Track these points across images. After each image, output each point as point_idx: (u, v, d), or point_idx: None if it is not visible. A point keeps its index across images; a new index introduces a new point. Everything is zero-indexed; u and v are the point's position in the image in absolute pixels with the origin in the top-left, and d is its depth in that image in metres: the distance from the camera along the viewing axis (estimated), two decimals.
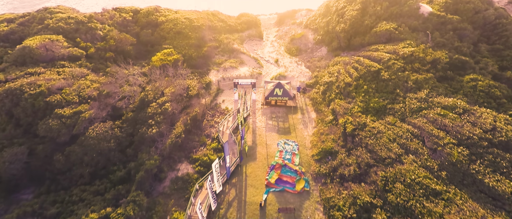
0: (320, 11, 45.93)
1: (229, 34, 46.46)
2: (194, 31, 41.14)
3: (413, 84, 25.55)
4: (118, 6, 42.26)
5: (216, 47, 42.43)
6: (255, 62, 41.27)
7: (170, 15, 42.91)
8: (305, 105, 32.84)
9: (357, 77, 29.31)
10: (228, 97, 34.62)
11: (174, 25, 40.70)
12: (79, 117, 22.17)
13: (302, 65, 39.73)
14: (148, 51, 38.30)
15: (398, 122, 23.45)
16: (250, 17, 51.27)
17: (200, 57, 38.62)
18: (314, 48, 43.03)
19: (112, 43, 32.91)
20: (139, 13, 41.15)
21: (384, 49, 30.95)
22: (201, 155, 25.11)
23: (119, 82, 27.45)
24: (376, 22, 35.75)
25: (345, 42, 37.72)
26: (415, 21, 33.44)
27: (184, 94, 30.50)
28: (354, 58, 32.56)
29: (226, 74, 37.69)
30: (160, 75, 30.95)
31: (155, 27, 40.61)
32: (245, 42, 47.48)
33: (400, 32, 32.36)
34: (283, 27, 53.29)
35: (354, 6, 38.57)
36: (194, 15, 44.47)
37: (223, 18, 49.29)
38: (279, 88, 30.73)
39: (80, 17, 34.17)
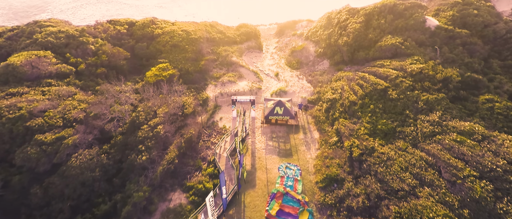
0: (321, 23, 44.38)
1: (227, 46, 44.78)
2: (191, 44, 39.42)
3: (424, 105, 23.61)
4: (113, 18, 40.64)
5: (214, 60, 40.66)
6: (255, 76, 39.44)
7: (167, 27, 41.28)
8: (307, 123, 30.83)
9: (363, 96, 27.39)
10: (226, 114, 32.65)
11: (170, 38, 39.01)
12: (62, 143, 20.09)
13: (303, 79, 37.87)
14: (143, 65, 36.48)
15: (409, 147, 21.40)
16: (250, 28, 49.73)
17: (197, 72, 36.79)
18: (316, 61, 41.28)
19: (104, 59, 31.08)
20: (135, 25, 39.51)
21: (391, 65, 29.13)
22: (195, 182, 22.96)
23: (109, 101, 25.46)
24: (381, 36, 34.07)
25: (348, 56, 35.97)
26: (422, 35, 31.74)
27: (179, 113, 28.51)
28: (359, 74, 30.71)
29: (224, 90, 35.78)
30: (154, 93, 29.01)
31: (151, 40, 38.91)
32: (244, 54, 45.79)
33: (407, 47, 30.62)
34: (283, 38, 51.74)
35: (357, 19, 36.97)
36: (191, 27, 42.86)
37: (221, 29, 47.73)
38: (280, 107, 28.77)
39: (71, 31, 32.43)
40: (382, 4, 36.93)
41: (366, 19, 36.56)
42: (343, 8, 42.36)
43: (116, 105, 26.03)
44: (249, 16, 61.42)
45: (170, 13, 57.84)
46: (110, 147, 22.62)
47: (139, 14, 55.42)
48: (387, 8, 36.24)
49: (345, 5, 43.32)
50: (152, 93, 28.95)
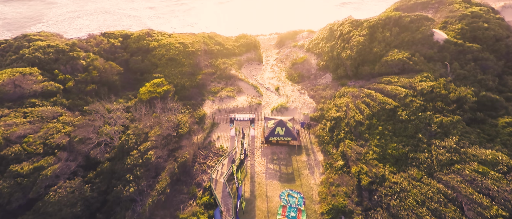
0: (323, 34, 42.68)
1: (226, 58, 42.97)
2: (188, 57, 37.59)
3: (438, 128, 21.55)
4: (108, 30, 38.94)
5: (212, 73, 38.78)
6: (254, 90, 37.48)
7: (163, 39, 39.52)
8: (310, 143, 28.70)
9: (370, 115, 25.35)
10: (224, 132, 30.56)
11: (166, 51, 37.20)
12: (40, 175, 17.93)
13: (305, 94, 35.89)
14: (137, 80, 34.55)
15: (425, 177, 19.26)
16: (249, 39, 48.03)
17: (193, 87, 34.85)
18: (318, 74, 39.39)
19: (95, 75, 29.16)
20: (130, 38, 37.74)
21: (399, 83, 27.18)
22: (189, 213, 20.73)
23: (97, 123, 23.39)
24: (386, 50, 32.25)
25: (352, 70, 34.07)
26: (430, 50, 29.91)
27: (173, 133, 26.42)
28: (364, 91, 28.74)
29: (222, 105, 33.77)
30: (147, 112, 26.97)
31: (146, 53, 37.08)
32: (244, 66, 43.95)
33: (415, 62, 28.74)
34: (284, 50, 50.01)
35: (361, 32, 35.23)
36: (189, 39, 41.12)
37: (220, 40, 46.01)
38: (281, 127, 26.69)
39: (61, 46, 30.58)
40: (387, 16, 35.24)
41: (370, 32, 34.81)
42: (345, 19, 40.73)
43: (105, 127, 23.95)
44: (249, 26, 59.95)
45: (168, 23, 56.31)
46: (96, 175, 20.45)
47: (137, 24, 53.83)
48: (392, 20, 34.53)
49: (347, 17, 41.74)
50: (145, 112, 26.91)
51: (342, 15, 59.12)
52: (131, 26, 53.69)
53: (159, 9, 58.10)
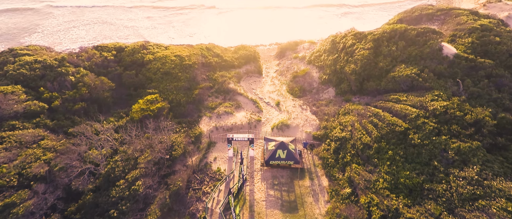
0: (325, 46, 40.89)
1: (225, 71, 41.07)
2: (184, 71, 35.67)
3: (456, 155, 19.42)
4: (102, 42, 37.13)
5: (210, 87, 36.79)
6: (254, 105, 35.44)
7: (159, 52, 37.67)
8: (314, 166, 26.51)
9: (378, 138, 23.23)
10: (221, 153, 28.39)
11: (162, 64, 35.29)
12: (10, 214, 15.68)
13: (307, 110, 33.83)
14: (130, 96, 32.53)
15: (444, 213, 17.04)
16: (248, 50, 46.25)
17: (190, 102, 32.82)
18: (320, 88, 37.42)
19: (84, 92, 27.12)
20: (124, 51, 35.88)
21: (408, 101, 25.15)
22: None
23: (82, 147, 21.23)
24: (392, 65, 30.35)
25: (357, 85, 32.11)
26: (439, 65, 27.99)
27: (166, 156, 24.26)
28: (371, 109, 26.70)
29: (220, 123, 31.67)
30: (138, 133, 24.83)
31: (140, 67, 35.16)
32: (243, 79, 42.00)
33: (424, 79, 26.78)
34: (284, 61, 48.18)
35: (365, 45, 33.40)
36: (186, 51, 39.29)
37: (218, 52, 44.20)
38: (282, 150, 24.55)
39: (49, 61, 28.65)
40: (392, 29, 33.48)
41: (375, 45, 32.99)
42: (348, 31, 39.00)
43: (91, 151, 21.79)
44: (249, 36, 58.26)
45: (165, 33, 54.63)
46: (77, 209, 18.21)
47: (134, 35, 52.13)
48: (397, 33, 32.75)
49: (350, 29, 40.04)
50: (136, 133, 24.76)
51: (343, 25, 57.65)
52: (128, 37, 52.01)
53: (157, 19, 56.50)
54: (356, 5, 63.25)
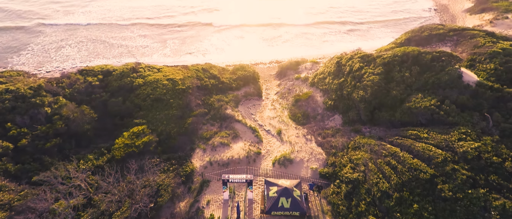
0: (329, 68, 37.63)
1: (222, 94, 37.63)
2: (177, 96, 32.19)
3: (501, 217, 15.58)
4: (87, 66, 33.83)
5: (205, 114, 33.20)
6: (253, 134, 31.74)
7: (150, 75, 34.31)
8: (323, 213, 22.52)
9: (399, 185, 19.43)
10: (215, 195, 24.45)
11: (152, 90, 31.84)
12: None
13: (312, 141, 30.12)
14: (116, 126, 28.85)
15: None
16: (247, 71, 43.00)
17: (182, 134, 29.14)
18: (325, 115, 33.84)
19: (60, 126, 23.45)
20: (111, 75, 32.49)
21: (431, 139, 21.50)
22: None
23: (44, 204, 17.32)
24: (407, 93, 26.91)
25: (367, 114, 28.56)
26: (461, 96, 24.52)
27: (151, 204, 20.35)
28: (386, 146, 23.01)
29: (215, 156, 27.89)
30: (118, 177, 20.95)
31: (129, 93, 31.69)
32: (241, 103, 38.47)
33: (446, 112, 23.24)
34: (285, 81, 44.85)
35: (375, 69, 30.11)
36: (179, 74, 35.96)
37: (215, 73, 40.92)
38: (286, 198, 20.67)
39: (23, 90, 25.17)
40: (403, 52, 30.28)
41: (386, 69, 29.71)
42: (354, 52, 35.89)
43: (59, 204, 17.89)
44: (248, 53, 55.33)
45: (161, 51, 51.68)
46: None
47: (127, 54, 49.13)
48: (410, 57, 29.52)
49: (356, 49, 36.98)
50: (115, 177, 20.88)
51: (346, 43, 54.89)
52: (121, 56, 48.96)
53: (152, 37, 53.62)
54: (359, 22, 60.78)
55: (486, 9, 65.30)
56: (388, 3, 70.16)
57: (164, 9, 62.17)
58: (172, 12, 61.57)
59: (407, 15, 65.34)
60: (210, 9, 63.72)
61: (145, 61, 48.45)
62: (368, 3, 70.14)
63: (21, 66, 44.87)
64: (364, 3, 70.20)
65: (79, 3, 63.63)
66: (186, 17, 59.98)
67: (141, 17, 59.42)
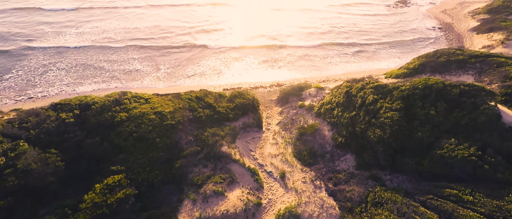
0: (337, 98, 33.20)
1: (217, 126, 33.01)
2: (164, 134, 27.52)
3: None
4: (64, 99, 29.40)
5: (197, 152, 28.42)
6: (252, 178, 26.83)
7: (136, 108, 29.82)
8: None
9: None
10: None
11: (136, 126, 27.22)
12: None
13: (322, 189, 25.12)
14: (90, 173, 23.94)
15: None
16: (246, 98, 38.57)
17: (168, 182, 24.23)
18: (335, 153, 29.03)
19: (12, 182, 18.59)
20: (90, 109, 27.96)
21: (478, 204, 16.60)
22: None
23: None
24: (435, 135, 22.26)
25: (386, 159, 23.75)
26: (506, 142, 19.83)
27: None
28: (419, 210, 18.02)
29: (206, 211, 22.84)
30: None
31: (109, 131, 27.05)
32: (239, 136, 33.76)
33: (492, 165, 18.45)
34: (288, 109, 40.36)
35: (392, 104, 25.62)
36: (169, 105, 31.47)
37: (211, 101, 36.48)
38: None
39: None
40: (425, 84, 25.92)
41: (406, 104, 25.23)
42: (365, 82, 31.60)
43: None
44: (246, 76, 51.25)
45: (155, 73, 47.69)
46: None
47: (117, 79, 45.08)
48: (433, 91, 25.12)
49: (367, 78, 32.76)
50: None
51: (352, 65, 50.99)
52: (111, 80, 44.84)
53: (146, 60, 49.72)
54: (364, 43, 57.24)
55: (494, 28, 62.09)
56: (392, 23, 67.14)
57: (160, 30, 58.81)
58: (168, 33, 58.16)
59: (413, 35, 62.03)
60: (208, 30, 60.41)
61: (135, 86, 44.44)
62: (371, 23, 67.13)
63: (0, 93, 40.67)
64: (367, 23, 67.19)
65: (73, 24, 60.34)
66: (183, 38, 56.45)
67: (136, 39, 55.89)
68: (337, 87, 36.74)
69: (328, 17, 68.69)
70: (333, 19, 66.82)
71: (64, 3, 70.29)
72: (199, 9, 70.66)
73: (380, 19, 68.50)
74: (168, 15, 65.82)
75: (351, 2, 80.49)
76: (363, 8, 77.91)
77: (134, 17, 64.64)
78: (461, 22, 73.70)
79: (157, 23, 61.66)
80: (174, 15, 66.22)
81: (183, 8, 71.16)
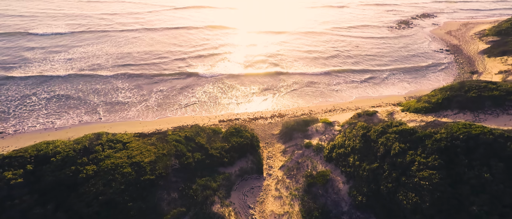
0: (351, 141, 27.43)
1: (209, 175, 27.05)
2: (140, 194, 21.53)
3: None
4: (15, 151, 23.66)
5: (182, 214, 22.23)
6: None
7: (110, 157, 24.05)
8: None
9: None
10: None
11: (105, 185, 21.29)
12: None
13: None
14: None
15: None
16: (244, 136, 32.83)
17: None
18: (354, 216, 22.76)
19: None
20: (49, 163, 22.16)
21: None
22: None
23: None
24: (497, 211, 16.21)
25: None
26: None
27: None
28: None
29: None
30: None
31: (70, 191, 21.06)
32: (235, 187, 27.69)
33: None
34: (292, 148, 34.48)
35: (427, 158, 19.80)
36: (151, 152, 25.70)
37: (202, 142, 30.66)
38: None
39: None
40: (467, 135, 20.22)
41: (445, 159, 19.40)
42: (385, 122, 25.97)
43: None
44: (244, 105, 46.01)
45: (141, 105, 42.44)
46: None
47: (98, 114, 39.76)
48: (480, 144, 19.37)
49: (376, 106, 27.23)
50: None
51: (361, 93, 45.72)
52: (92, 115, 39.52)
53: (135, 89, 44.87)
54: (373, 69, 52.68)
55: (507, 52, 57.70)
56: (400, 46, 63.03)
57: (153, 56, 54.40)
58: (161, 58, 53.72)
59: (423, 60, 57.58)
60: (205, 55, 56.06)
61: (119, 120, 38.90)
62: (377, 46, 63.05)
63: None
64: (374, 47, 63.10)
65: (62, 49, 56.08)
66: (177, 65, 51.88)
67: (127, 65, 51.28)
68: (349, 125, 31.15)
69: (332, 40, 64.77)
70: (338, 43, 62.79)
71: (57, 27, 66.82)
72: (196, 32, 67.02)
73: (386, 42, 64.49)
74: (163, 39, 61.94)
75: (354, 24, 77.24)
76: (366, 30, 74.48)
77: (127, 41, 60.68)
78: (468, 44, 69.70)
79: (151, 48, 57.50)
80: (170, 39, 62.36)
81: (179, 31, 67.60)
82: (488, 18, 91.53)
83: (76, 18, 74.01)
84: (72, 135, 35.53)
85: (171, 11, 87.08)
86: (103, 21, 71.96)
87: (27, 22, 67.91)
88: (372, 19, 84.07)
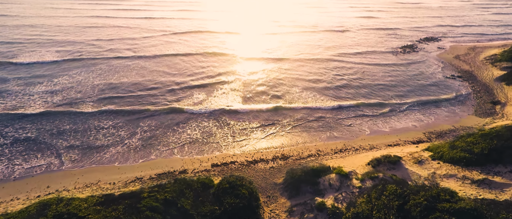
0: (382, 213, 20.58)
1: None
2: None
3: None
4: None
5: None
6: None
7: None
8: None
9: None
10: None
11: None
12: None
13: None
14: None
15: None
16: (241, 194, 26.00)
17: None
18: None
19: None
20: None
21: None
22: None
23: None
24: None
25: None
26: None
27: None
28: None
29: None
30: None
31: None
32: None
33: None
34: (301, 208, 27.28)
35: None
36: None
37: (187, 204, 23.94)
38: None
39: None
40: None
41: None
42: (414, 170, 19.26)
43: None
44: (243, 145, 39.70)
45: (122, 146, 36.41)
46: None
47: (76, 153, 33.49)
48: None
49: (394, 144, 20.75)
50: None
51: (376, 129, 39.43)
52: (62, 160, 33.12)
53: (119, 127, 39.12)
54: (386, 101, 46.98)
55: None
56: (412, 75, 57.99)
57: (141, 88, 48.97)
58: (150, 90, 48.27)
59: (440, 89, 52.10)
60: (198, 86, 50.70)
61: (94, 165, 32.21)
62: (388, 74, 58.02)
63: None
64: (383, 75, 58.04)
65: (43, 80, 50.96)
66: (167, 98, 46.25)
67: (111, 97, 45.63)
68: (372, 180, 24.49)
69: (338, 67, 60.03)
70: (344, 70, 57.97)
71: (43, 55, 62.45)
72: (192, 60, 62.54)
73: (395, 69, 59.70)
74: (154, 68, 57.16)
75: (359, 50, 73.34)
76: (372, 56, 70.25)
77: (115, 71, 55.75)
78: (481, 70, 64.83)
79: (140, 78, 52.42)
80: (162, 68, 57.60)
81: (174, 58, 63.22)
82: (493, 42, 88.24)
83: (66, 45, 70.16)
84: (33, 187, 29.05)
85: (168, 36, 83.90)
86: (94, 48, 67.95)
87: (12, 50, 63.82)
88: (376, 44, 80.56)
